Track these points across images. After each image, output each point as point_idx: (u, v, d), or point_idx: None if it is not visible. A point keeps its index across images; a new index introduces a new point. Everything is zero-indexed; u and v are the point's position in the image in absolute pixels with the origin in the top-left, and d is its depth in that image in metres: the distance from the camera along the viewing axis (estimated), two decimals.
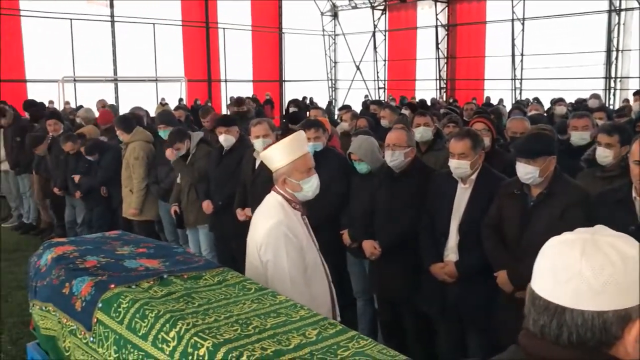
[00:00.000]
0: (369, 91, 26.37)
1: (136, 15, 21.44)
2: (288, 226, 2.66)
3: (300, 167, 2.73)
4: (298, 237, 2.69)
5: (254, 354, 1.83)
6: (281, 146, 2.74)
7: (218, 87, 24.94)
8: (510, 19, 22.24)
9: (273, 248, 2.64)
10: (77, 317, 2.45)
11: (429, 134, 5.10)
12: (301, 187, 2.74)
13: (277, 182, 2.78)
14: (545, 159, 3.18)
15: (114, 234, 3.39)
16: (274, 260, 2.64)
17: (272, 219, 2.68)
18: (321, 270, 2.84)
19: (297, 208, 2.79)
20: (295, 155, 2.72)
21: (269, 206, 2.78)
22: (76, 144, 6.85)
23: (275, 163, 2.76)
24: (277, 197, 2.78)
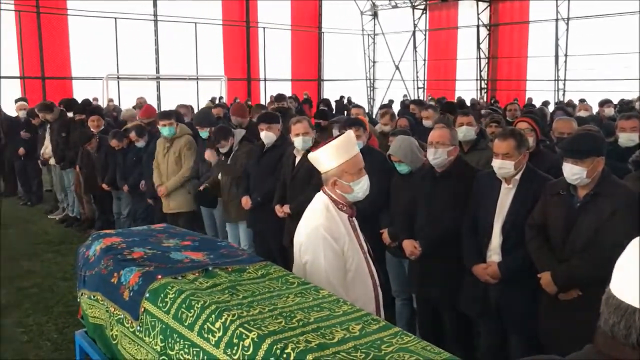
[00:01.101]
0: (408, 91, 26.19)
1: (178, 14, 21.81)
2: (328, 229, 2.63)
3: (350, 169, 2.68)
4: (339, 241, 2.64)
5: (298, 346, 1.85)
6: (331, 148, 2.68)
7: (257, 86, 25.15)
8: (555, 18, 21.78)
9: (312, 250, 2.63)
10: (125, 307, 2.51)
11: (471, 134, 5.04)
12: (352, 189, 2.69)
13: (326, 183, 2.73)
14: (593, 159, 3.12)
15: (160, 226, 3.47)
16: (312, 262, 2.63)
17: (313, 221, 2.68)
18: (365, 274, 2.76)
19: (343, 210, 2.74)
20: (346, 157, 2.67)
21: (314, 207, 2.77)
22: (122, 142, 7.08)
23: (325, 165, 2.70)
24: (323, 198, 2.74)
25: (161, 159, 6.35)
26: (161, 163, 6.35)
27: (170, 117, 6.29)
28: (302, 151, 4.86)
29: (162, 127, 6.22)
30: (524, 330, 3.59)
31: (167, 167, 6.29)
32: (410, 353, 1.83)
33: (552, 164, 3.96)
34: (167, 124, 6.19)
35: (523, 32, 23.35)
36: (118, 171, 7.18)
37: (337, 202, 2.72)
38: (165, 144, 6.33)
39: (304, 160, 4.88)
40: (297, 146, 4.86)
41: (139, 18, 21.25)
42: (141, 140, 6.85)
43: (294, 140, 4.86)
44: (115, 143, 7.10)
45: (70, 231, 8.30)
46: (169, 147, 6.29)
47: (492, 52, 24.69)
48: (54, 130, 8.51)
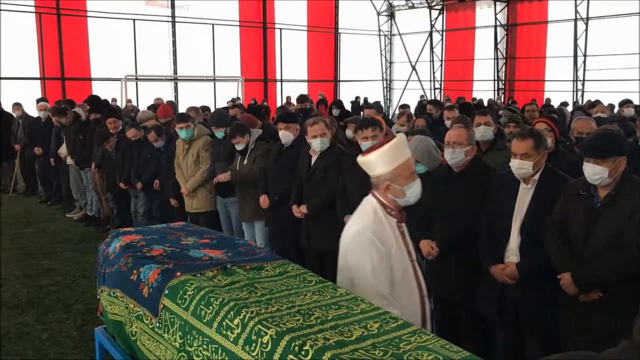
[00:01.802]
0: (425, 91, 26.10)
1: (196, 15, 21.97)
2: (375, 232, 2.57)
3: (403, 173, 2.63)
4: (386, 245, 2.58)
5: (316, 343, 1.85)
6: (383, 153, 2.62)
7: (274, 87, 25.23)
8: (573, 18, 21.57)
9: (357, 253, 2.57)
10: (144, 303, 2.54)
11: (489, 133, 5.01)
12: (404, 193, 2.65)
13: (377, 187, 2.68)
14: (615, 159, 3.08)
15: (178, 224, 3.50)
16: (357, 265, 2.56)
17: (359, 224, 2.63)
18: (412, 283, 2.69)
19: (392, 214, 2.68)
20: (399, 161, 2.62)
21: (361, 210, 2.72)
22: (140, 131, 7.14)
23: (378, 169, 2.65)
24: (372, 202, 2.69)
25: (181, 160, 6.42)
26: (182, 164, 6.42)
27: (187, 120, 6.33)
28: (318, 152, 4.87)
29: (180, 130, 6.28)
30: (542, 331, 3.57)
31: (187, 169, 6.35)
32: (428, 351, 1.83)
33: (571, 164, 3.92)
34: (184, 126, 6.25)
35: (541, 32, 23.14)
36: (132, 168, 7.25)
37: (387, 207, 2.67)
38: (184, 146, 6.39)
39: (320, 160, 4.89)
40: (314, 148, 4.87)
41: (157, 19, 21.43)
42: (160, 140, 6.90)
43: (310, 142, 4.86)
44: (134, 132, 7.18)
45: (90, 230, 8.39)
46: (187, 149, 6.36)
47: (510, 52, 24.50)
48: (70, 133, 8.62)
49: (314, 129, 4.81)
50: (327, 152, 4.87)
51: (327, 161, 4.86)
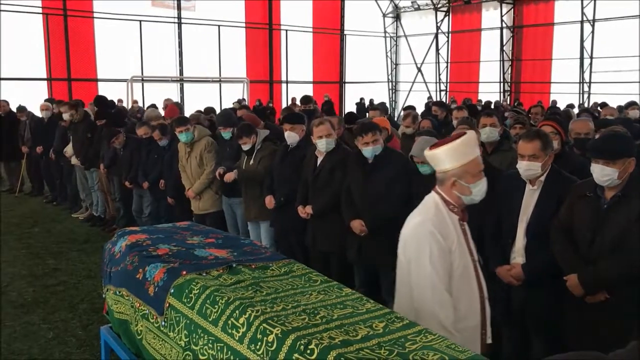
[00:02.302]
0: (430, 93, 26.09)
1: (202, 17, 22.02)
2: (436, 225, 2.51)
3: (472, 170, 2.58)
4: (447, 240, 2.52)
5: (322, 342, 1.85)
6: (453, 148, 2.56)
7: (279, 88, 25.25)
8: (580, 20, 21.50)
9: (416, 246, 2.51)
10: (150, 302, 2.55)
11: (495, 135, 4.99)
12: (470, 191, 2.59)
13: (442, 183, 2.63)
14: (625, 160, 3.07)
15: (184, 224, 3.51)
16: (416, 259, 2.50)
17: (420, 216, 2.58)
18: (473, 284, 2.61)
19: (455, 211, 2.62)
20: (468, 158, 2.56)
21: (423, 204, 2.67)
22: (150, 129, 7.20)
23: (445, 165, 2.58)
24: (435, 198, 2.65)
25: (185, 163, 6.43)
26: (185, 167, 6.43)
27: (186, 123, 6.32)
28: (324, 152, 4.87)
29: (180, 134, 6.28)
30: (547, 332, 3.55)
31: (191, 171, 6.36)
32: (434, 351, 1.83)
33: (577, 166, 3.91)
34: (183, 129, 6.25)
35: (547, 34, 23.08)
36: (140, 168, 7.27)
37: (449, 203, 2.62)
38: (185, 149, 6.40)
39: (326, 161, 4.88)
40: (320, 148, 4.86)
41: (163, 21, 21.49)
42: (164, 138, 6.91)
43: (316, 143, 4.86)
44: (145, 130, 7.25)
45: (95, 230, 8.41)
46: (189, 152, 6.36)
47: (516, 54, 24.45)
48: (79, 130, 8.62)
49: (320, 130, 4.80)
50: (333, 152, 4.87)
51: (333, 162, 4.85)
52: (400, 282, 2.61)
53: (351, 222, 4.49)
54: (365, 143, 4.44)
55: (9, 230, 8.23)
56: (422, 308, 2.39)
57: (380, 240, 4.43)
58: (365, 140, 4.44)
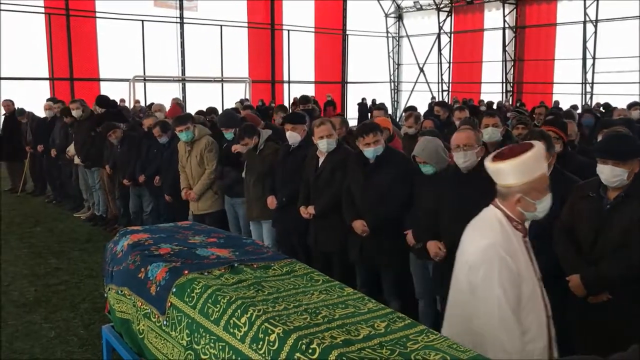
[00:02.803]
0: (432, 93, 26.09)
1: (204, 17, 22.05)
2: (505, 249, 2.38)
3: (539, 186, 2.43)
4: (516, 263, 2.39)
5: (323, 342, 1.85)
6: (521, 162, 2.39)
7: (281, 88, 25.27)
8: (582, 20, 21.48)
9: (485, 271, 2.37)
10: (152, 301, 2.55)
11: (497, 135, 4.99)
12: (535, 208, 2.45)
13: (505, 198, 2.48)
14: (633, 160, 3.07)
15: (186, 224, 3.51)
16: (484, 285, 2.37)
17: (488, 239, 2.42)
18: (539, 302, 2.50)
19: (518, 228, 2.49)
20: (537, 173, 2.41)
21: (486, 222, 2.52)
22: None
23: (511, 180, 2.42)
24: (496, 213, 2.49)
25: (185, 162, 6.42)
26: (185, 166, 6.42)
27: (186, 122, 6.28)
28: (325, 153, 4.87)
29: (180, 133, 6.27)
30: None
31: (191, 171, 6.35)
32: (436, 351, 1.83)
33: (578, 166, 3.91)
34: (184, 128, 6.22)
35: (550, 35, 23.07)
36: (138, 163, 7.28)
37: (512, 220, 2.48)
38: (185, 148, 6.38)
39: (327, 161, 4.88)
40: (321, 149, 4.86)
41: (165, 21, 21.52)
42: (164, 135, 6.91)
43: (317, 143, 4.85)
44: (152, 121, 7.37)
45: (97, 229, 8.42)
46: (189, 151, 6.35)
47: (519, 54, 24.43)
48: (83, 128, 8.63)
49: (321, 130, 4.80)
50: (334, 153, 4.86)
51: (334, 162, 4.85)
52: (455, 305, 2.52)
53: (353, 222, 4.49)
54: (366, 144, 4.43)
55: (11, 229, 8.25)
56: (487, 334, 2.30)
57: (381, 240, 4.43)
58: (366, 141, 4.43)
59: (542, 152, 2.46)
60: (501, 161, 2.44)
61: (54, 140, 9.49)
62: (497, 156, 2.49)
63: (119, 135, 7.64)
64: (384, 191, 4.43)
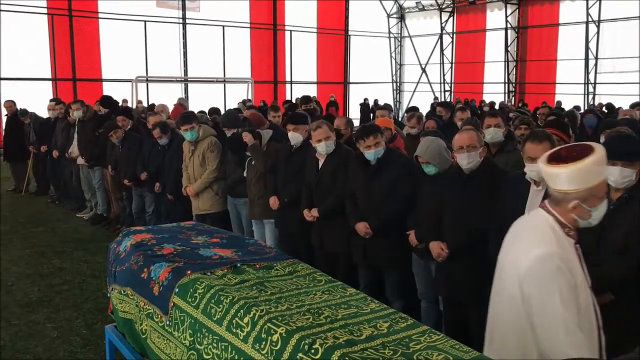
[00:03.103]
0: (434, 94, 26.08)
1: (206, 17, 22.07)
2: (562, 258, 2.26)
3: (598, 193, 2.30)
4: (573, 272, 2.28)
5: (326, 342, 1.85)
6: (582, 168, 2.24)
7: (283, 89, 25.28)
8: (585, 21, 21.46)
9: (541, 282, 2.24)
10: (155, 301, 2.55)
11: (499, 135, 4.99)
12: (590, 215, 2.32)
13: (559, 204, 2.34)
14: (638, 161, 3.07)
15: (189, 224, 3.52)
16: (541, 297, 2.24)
17: (543, 247, 2.28)
18: (592, 314, 2.37)
19: (571, 235, 2.36)
20: (597, 180, 2.27)
21: (538, 229, 2.37)
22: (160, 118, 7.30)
23: (568, 185, 2.28)
24: (548, 219, 2.36)
25: (188, 161, 6.43)
26: (188, 166, 6.43)
27: (191, 121, 6.30)
28: (324, 155, 4.87)
29: (185, 132, 6.27)
30: None
31: (193, 170, 6.36)
32: (438, 351, 1.83)
33: None
34: (189, 128, 6.22)
35: (552, 35, 23.05)
36: (139, 162, 7.30)
37: (565, 226, 2.35)
38: (190, 147, 6.40)
39: (327, 163, 4.88)
40: (320, 151, 4.86)
41: (167, 21, 21.55)
42: (164, 137, 6.92)
43: (316, 146, 4.85)
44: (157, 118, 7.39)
45: (99, 229, 8.43)
46: (193, 150, 6.36)
47: (521, 55, 24.42)
48: (87, 128, 8.66)
49: (318, 133, 4.79)
50: (334, 154, 4.86)
51: (335, 164, 4.85)
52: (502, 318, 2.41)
53: (355, 224, 4.49)
54: (367, 146, 4.43)
55: (14, 229, 8.27)
56: (552, 350, 2.20)
57: (384, 241, 4.44)
58: (367, 143, 4.43)
59: (603, 156, 2.30)
60: (560, 165, 2.28)
61: (56, 140, 9.52)
62: (553, 159, 2.33)
63: (120, 135, 7.66)
64: (385, 193, 4.43)
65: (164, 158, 6.95)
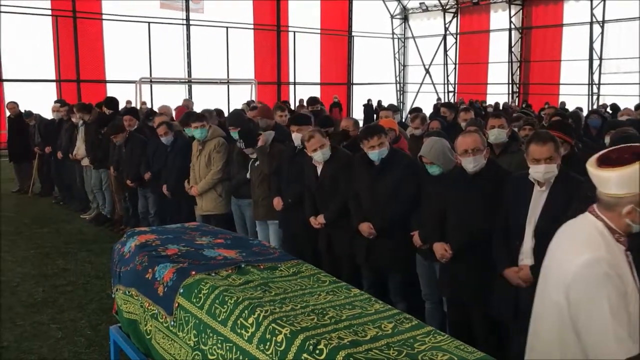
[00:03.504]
0: (438, 95, 26.05)
1: (210, 18, 22.11)
2: (611, 264, 2.15)
3: None
4: (623, 280, 2.17)
5: (330, 342, 1.86)
6: (633, 171, 2.13)
7: (287, 90, 25.29)
8: (589, 21, 21.41)
9: (588, 288, 2.15)
10: (159, 302, 2.56)
11: (503, 136, 4.98)
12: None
13: (610, 208, 2.22)
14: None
15: (193, 224, 3.53)
16: (588, 304, 2.15)
17: (590, 253, 2.18)
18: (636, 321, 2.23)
19: (621, 241, 2.23)
20: None
21: (586, 234, 2.27)
22: None
23: (621, 189, 2.16)
24: (596, 224, 2.24)
25: (195, 161, 6.44)
26: (195, 165, 6.44)
27: (202, 119, 6.33)
28: (322, 162, 4.86)
29: (194, 130, 6.28)
30: None
31: (199, 170, 6.37)
32: (443, 352, 1.83)
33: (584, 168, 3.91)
34: (199, 125, 6.24)
35: (556, 35, 23.00)
36: (143, 163, 7.31)
37: (615, 232, 2.23)
38: (198, 147, 6.40)
39: (327, 169, 4.88)
40: (317, 160, 4.86)
41: (171, 22, 21.58)
42: (170, 133, 6.93)
43: (313, 156, 4.84)
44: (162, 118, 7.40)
45: (104, 230, 8.45)
46: (201, 150, 6.37)
47: (525, 55, 24.37)
48: (92, 129, 8.67)
49: (312, 143, 4.77)
50: (331, 160, 4.86)
51: (334, 169, 4.84)
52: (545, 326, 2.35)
53: (359, 225, 4.49)
54: (371, 147, 4.43)
55: (18, 230, 8.29)
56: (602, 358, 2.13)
57: (387, 242, 4.43)
58: (371, 143, 4.43)
59: None
60: (610, 168, 2.16)
61: (60, 142, 9.55)
62: (603, 162, 2.21)
63: (123, 137, 7.67)
64: (389, 193, 4.43)
65: (167, 158, 6.96)
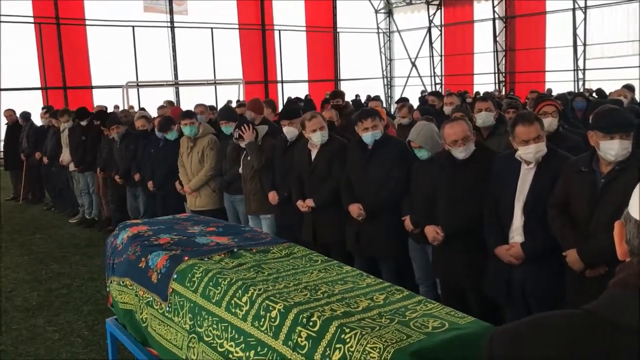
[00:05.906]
0: (425, 87, 26.11)
1: (194, 20, 22.05)
2: None
3: None
4: None
5: (324, 314, 1.88)
6: None
7: (275, 88, 25.27)
8: (572, 8, 21.54)
9: None
10: (153, 289, 2.58)
11: (490, 119, 5.03)
12: None
13: None
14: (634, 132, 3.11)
15: (184, 215, 3.54)
16: None
17: None
18: None
19: None
20: None
21: None
22: (149, 123, 7.39)
23: None
24: None
25: (185, 158, 6.44)
26: (186, 162, 6.44)
27: (192, 117, 6.36)
28: (318, 145, 4.88)
29: (184, 127, 6.29)
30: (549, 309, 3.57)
31: (191, 167, 6.37)
32: (434, 318, 1.86)
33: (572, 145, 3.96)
34: (189, 122, 6.27)
35: (540, 23, 23.10)
36: (134, 162, 7.32)
37: None
38: (188, 143, 6.40)
39: (321, 153, 4.90)
40: (315, 141, 4.87)
41: (155, 25, 21.51)
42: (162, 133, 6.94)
43: (310, 136, 4.86)
44: (142, 122, 7.44)
45: (96, 234, 8.43)
46: (192, 147, 6.37)
47: (510, 44, 24.46)
48: (74, 134, 8.69)
49: (313, 123, 4.81)
50: (327, 145, 4.89)
51: (329, 154, 4.87)
52: None
53: (349, 206, 4.52)
54: (365, 129, 4.48)
55: (11, 237, 8.27)
56: None
57: (378, 226, 4.47)
58: (365, 125, 4.48)
59: None
60: None
61: (46, 148, 9.57)
62: None
63: (121, 131, 7.65)
64: (381, 176, 4.47)
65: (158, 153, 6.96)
